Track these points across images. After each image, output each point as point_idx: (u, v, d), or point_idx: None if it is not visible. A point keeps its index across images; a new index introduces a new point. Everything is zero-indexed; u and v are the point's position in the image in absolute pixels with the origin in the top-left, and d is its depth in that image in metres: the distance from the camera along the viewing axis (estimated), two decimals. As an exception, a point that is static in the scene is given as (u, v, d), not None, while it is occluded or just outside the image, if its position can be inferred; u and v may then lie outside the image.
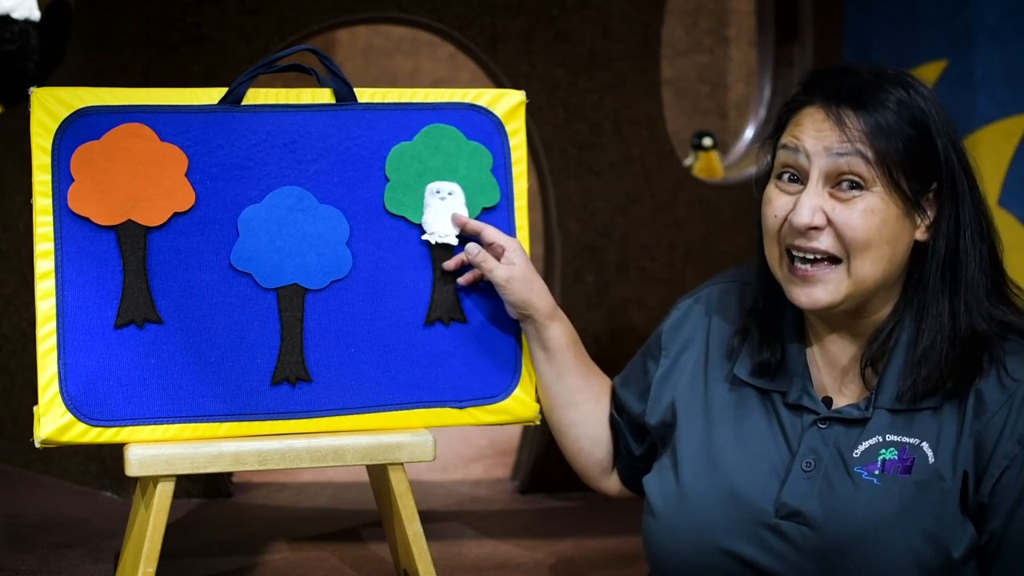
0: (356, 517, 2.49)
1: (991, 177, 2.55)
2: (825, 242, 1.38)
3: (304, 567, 2.15)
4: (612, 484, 1.73)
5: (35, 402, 1.58)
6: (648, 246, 2.81)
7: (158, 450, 1.57)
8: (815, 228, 1.38)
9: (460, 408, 1.71)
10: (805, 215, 1.37)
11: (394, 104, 1.72)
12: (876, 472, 1.40)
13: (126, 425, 1.59)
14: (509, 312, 1.69)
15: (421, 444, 1.66)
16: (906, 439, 1.40)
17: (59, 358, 1.57)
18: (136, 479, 1.63)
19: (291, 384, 1.65)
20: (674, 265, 2.83)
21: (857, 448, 1.42)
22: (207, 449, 1.59)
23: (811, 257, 1.40)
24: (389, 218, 1.70)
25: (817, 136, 1.39)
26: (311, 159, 1.68)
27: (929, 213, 1.41)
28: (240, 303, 1.64)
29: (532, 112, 2.75)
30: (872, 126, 1.37)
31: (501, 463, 3.05)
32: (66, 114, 1.59)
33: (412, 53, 5.69)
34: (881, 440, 1.41)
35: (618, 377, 1.72)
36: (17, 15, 3.02)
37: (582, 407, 1.70)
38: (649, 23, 2.81)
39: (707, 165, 4.62)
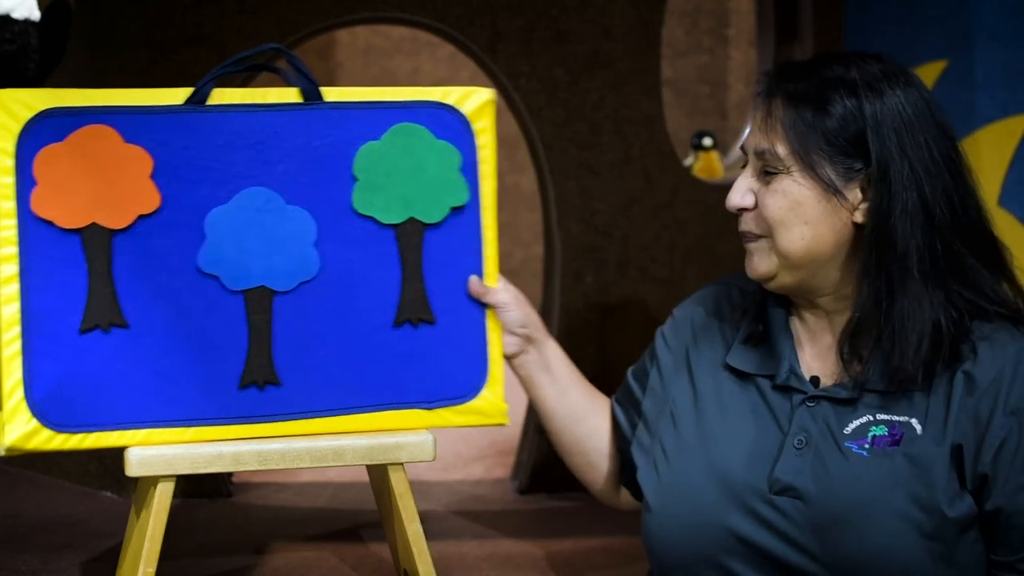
0: (356, 517, 2.49)
1: (991, 177, 2.55)
2: (749, 223, 1.51)
3: (304, 567, 2.15)
4: (623, 496, 1.75)
5: None
6: (648, 246, 2.81)
7: (158, 450, 1.57)
8: (745, 209, 1.51)
9: (429, 409, 1.70)
10: (734, 197, 1.52)
11: (362, 103, 1.68)
12: (866, 446, 1.45)
13: (93, 431, 1.56)
14: (507, 344, 1.70)
15: (421, 444, 1.66)
16: (895, 417, 1.46)
17: (24, 363, 1.54)
18: (136, 479, 1.63)
19: (259, 387, 1.63)
20: (674, 265, 2.83)
21: (847, 426, 1.47)
22: (207, 449, 1.59)
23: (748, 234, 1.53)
24: (357, 218, 1.67)
25: (754, 130, 1.52)
26: (278, 159, 1.64)
27: (863, 197, 1.48)
28: (207, 306, 1.61)
29: (532, 112, 2.76)
30: (791, 120, 1.47)
31: (501, 463, 3.05)
32: (29, 116, 1.56)
33: (412, 53, 5.69)
34: (871, 419, 1.46)
35: (630, 368, 1.75)
36: (17, 15, 3.01)
37: (588, 420, 1.73)
38: (649, 23, 2.81)
39: (707, 165, 4.62)
